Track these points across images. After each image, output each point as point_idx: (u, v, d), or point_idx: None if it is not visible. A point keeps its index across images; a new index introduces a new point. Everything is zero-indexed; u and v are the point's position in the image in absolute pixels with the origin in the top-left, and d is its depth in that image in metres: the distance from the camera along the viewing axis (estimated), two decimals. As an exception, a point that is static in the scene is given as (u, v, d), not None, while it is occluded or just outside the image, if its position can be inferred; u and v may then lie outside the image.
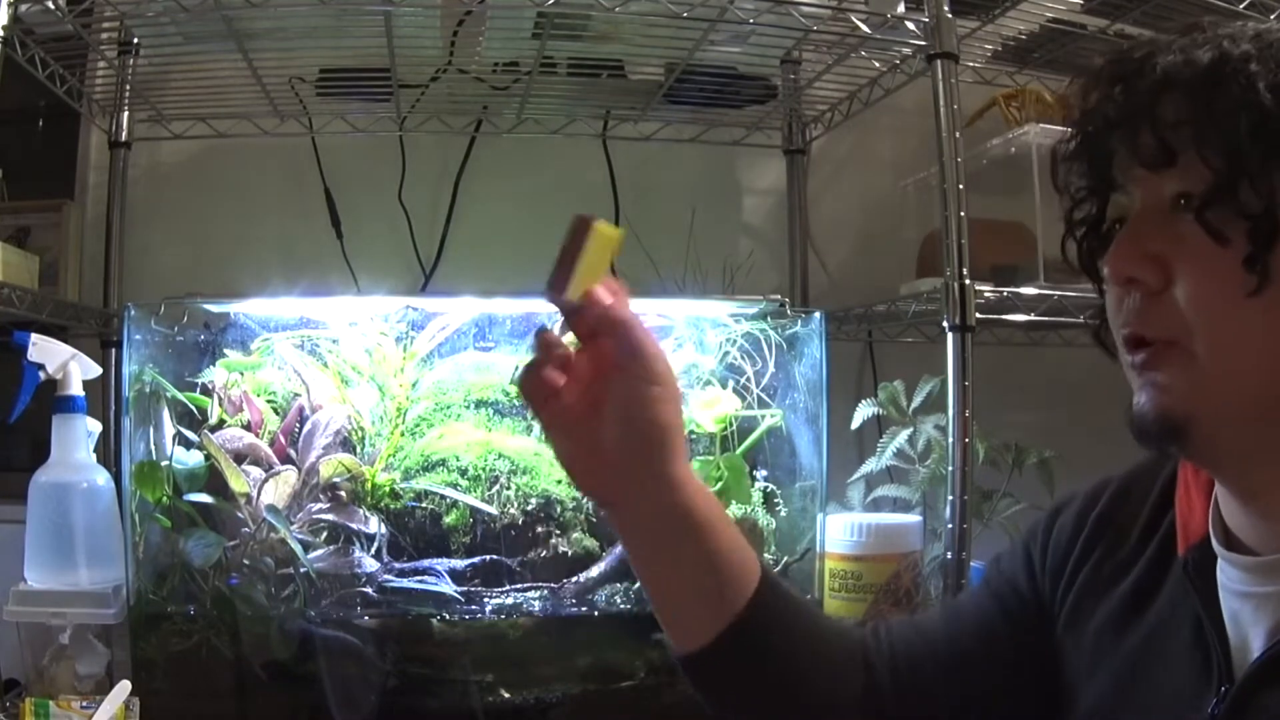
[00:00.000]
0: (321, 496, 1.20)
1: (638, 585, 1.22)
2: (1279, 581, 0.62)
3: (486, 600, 1.19)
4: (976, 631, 0.80)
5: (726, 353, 1.31)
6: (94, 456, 1.22)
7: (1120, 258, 0.62)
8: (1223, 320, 0.59)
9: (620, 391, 0.70)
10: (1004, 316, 1.34)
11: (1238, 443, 0.61)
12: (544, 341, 0.72)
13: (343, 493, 1.21)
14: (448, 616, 1.16)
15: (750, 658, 0.74)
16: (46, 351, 1.19)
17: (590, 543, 1.24)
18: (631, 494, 0.72)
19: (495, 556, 1.21)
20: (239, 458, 1.21)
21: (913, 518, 1.32)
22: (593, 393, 0.71)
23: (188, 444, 1.23)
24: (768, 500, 1.31)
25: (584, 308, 0.70)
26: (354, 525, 1.19)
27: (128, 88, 1.53)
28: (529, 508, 1.22)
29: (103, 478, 1.20)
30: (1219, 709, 0.62)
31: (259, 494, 1.18)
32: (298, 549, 1.16)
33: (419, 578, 1.19)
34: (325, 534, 1.20)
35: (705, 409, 1.27)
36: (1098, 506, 0.78)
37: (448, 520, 1.22)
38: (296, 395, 1.26)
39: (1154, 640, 0.70)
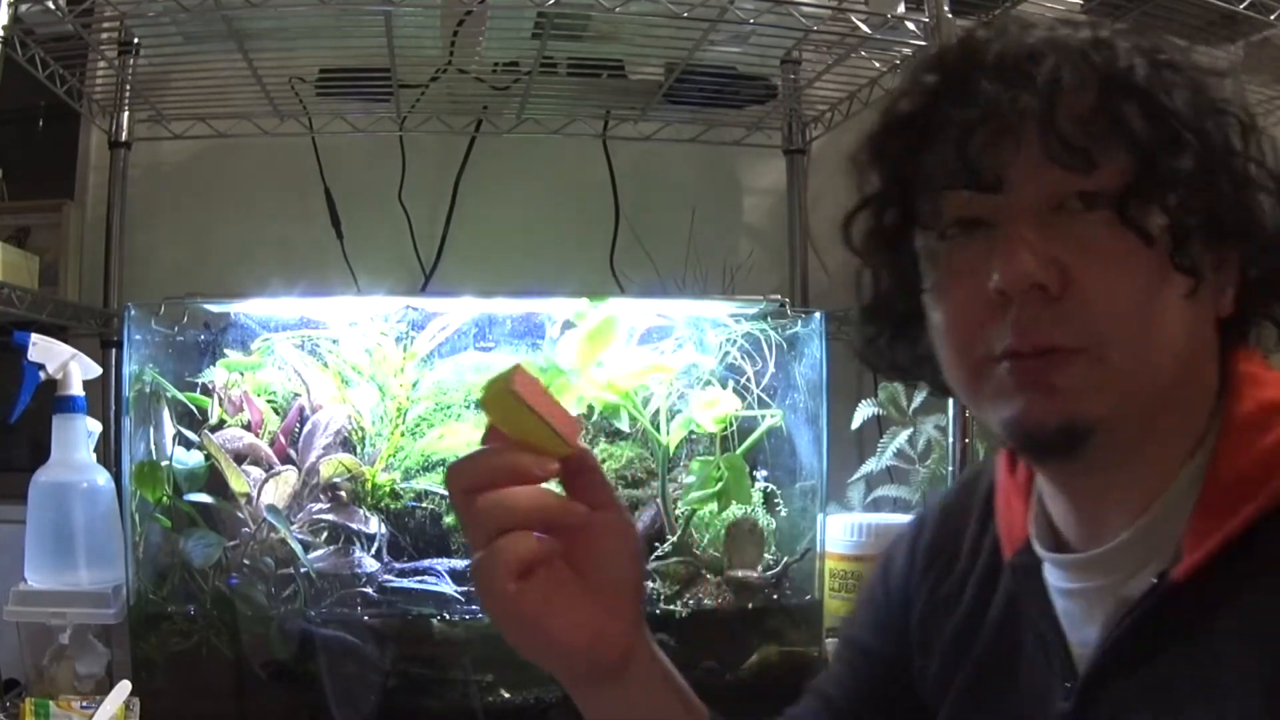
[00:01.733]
0: (321, 496, 1.21)
1: (638, 585, 1.22)
2: (1103, 576, 0.61)
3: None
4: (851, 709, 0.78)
5: (727, 353, 1.31)
6: (94, 456, 1.22)
7: (1021, 262, 0.57)
8: (1143, 323, 0.57)
9: (606, 534, 0.62)
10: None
11: (1130, 441, 0.59)
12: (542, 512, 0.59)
13: (343, 493, 1.21)
14: (448, 616, 1.16)
15: None
16: (46, 351, 1.19)
17: (590, 543, 1.24)
18: (636, 645, 0.64)
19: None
20: (239, 458, 1.21)
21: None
22: (579, 546, 0.61)
23: (188, 444, 1.24)
24: (768, 500, 1.31)
25: (579, 459, 0.61)
26: (354, 525, 1.19)
27: (128, 88, 1.53)
28: (529, 508, 1.22)
29: (103, 478, 1.20)
30: (1067, 706, 0.62)
31: (259, 494, 1.18)
32: (298, 549, 1.17)
33: (419, 578, 1.19)
34: (325, 534, 1.20)
35: (705, 409, 1.27)
36: (923, 537, 0.77)
37: (448, 520, 1.22)
38: (296, 395, 1.26)
39: (997, 652, 0.69)
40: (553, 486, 0.61)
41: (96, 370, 1.25)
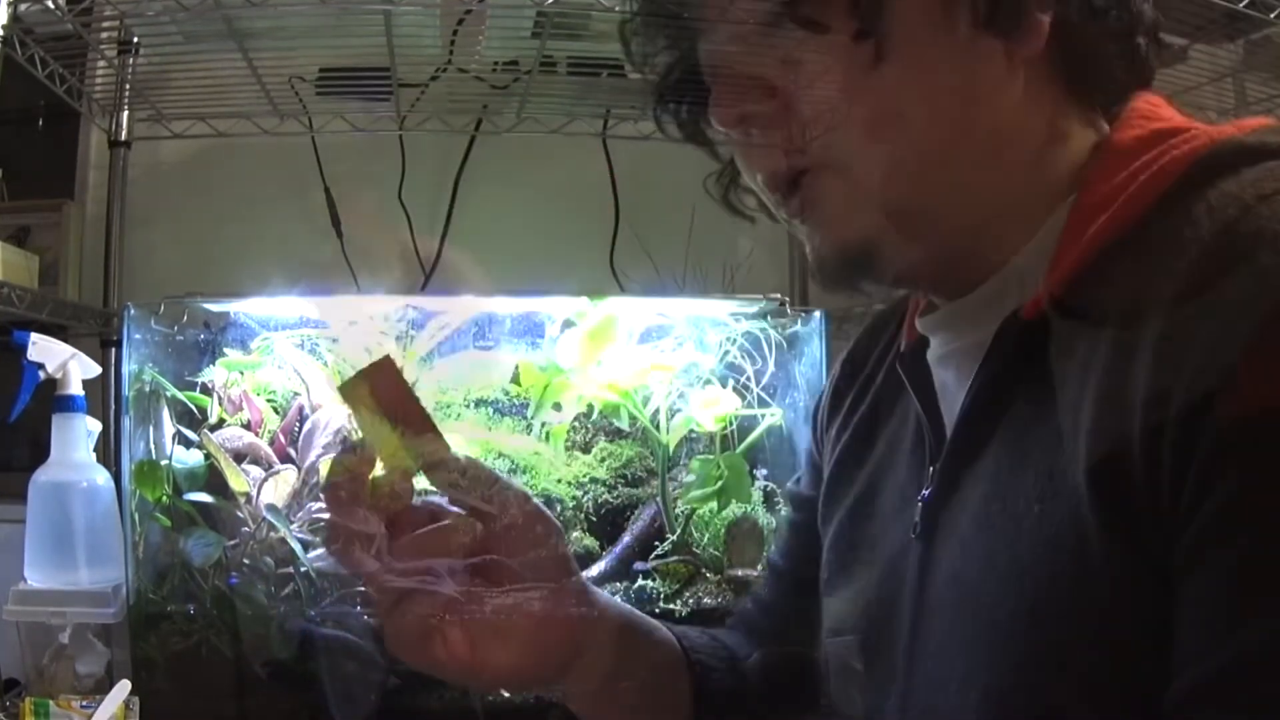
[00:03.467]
0: (321, 496, 1.20)
1: (638, 585, 1.22)
2: (971, 331, 0.58)
3: (487, 600, 1.18)
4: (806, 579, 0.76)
5: (726, 352, 1.31)
6: (94, 456, 1.22)
7: (723, 96, 0.56)
8: (859, 111, 0.53)
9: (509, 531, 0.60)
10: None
11: (928, 248, 0.57)
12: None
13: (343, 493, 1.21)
14: (448, 616, 1.16)
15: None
16: (46, 351, 1.19)
17: (590, 542, 1.24)
18: (585, 622, 0.63)
19: (495, 556, 1.20)
20: (239, 457, 1.21)
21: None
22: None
23: (187, 443, 1.23)
24: (768, 499, 1.31)
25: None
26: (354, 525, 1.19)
27: (128, 87, 1.53)
28: (529, 507, 1.22)
29: (103, 477, 1.20)
30: (927, 495, 0.60)
31: (259, 493, 1.18)
32: (298, 548, 1.16)
33: (419, 577, 1.18)
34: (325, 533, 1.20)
35: (705, 408, 1.27)
36: (843, 357, 0.76)
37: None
38: (296, 394, 1.26)
39: (885, 456, 0.67)
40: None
41: (96, 370, 1.25)
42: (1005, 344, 0.55)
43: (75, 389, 1.20)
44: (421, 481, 0.57)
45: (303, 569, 1.17)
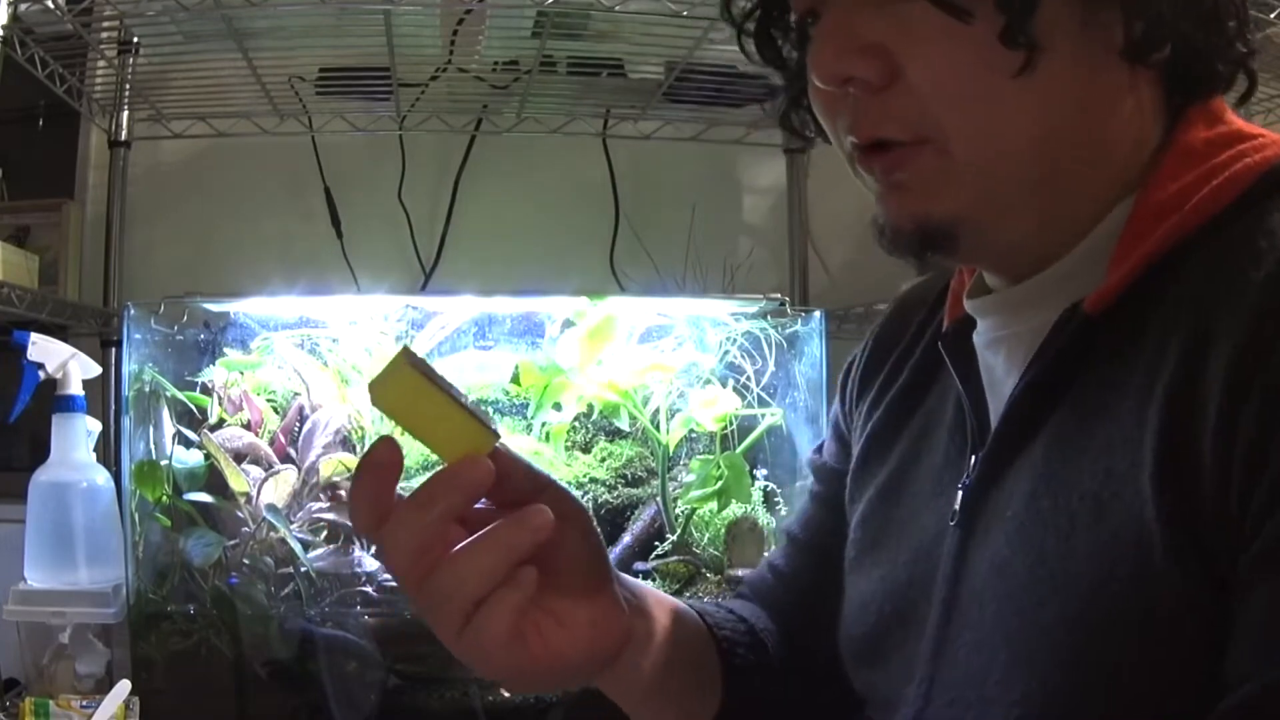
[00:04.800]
0: (321, 496, 1.20)
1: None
2: (1025, 319, 0.58)
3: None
4: (827, 559, 0.74)
5: (727, 351, 1.31)
6: (94, 456, 1.22)
7: (831, 53, 0.53)
8: (980, 107, 0.52)
9: (563, 521, 0.54)
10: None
11: (1007, 234, 0.56)
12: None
13: (342, 492, 1.21)
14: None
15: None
16: (46, 351, 1.19)
17: (590, 542, 1.24)
18: (627, 613, 0.60)
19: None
20: (239, 457, 1.21)
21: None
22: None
23: (187, 443, 1.23)
24: (768, 499, 1.31)
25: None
26: (354, 525, 1.19)
27: (127, 87, 1.53)
28: (529, 507, 1.22)
29: (103, 477, 1.20)
30: (969, 482, 0.59)
31: (259, 493, 1.18)
32: (297, 548, 1.16)
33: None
34: (325, 533, 1.20)
35: (705, 408, 1.27)
36: (877, 330, 0.75)
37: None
38: (296, 394, 1.26)
39: (921, 436, 0.66)
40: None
41: (96, 369, 1.25)
42: (1063, 336, 0.54)
43: (75, 389, 1.20)
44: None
45: (303, 569, 1.17)
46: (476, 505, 0.53)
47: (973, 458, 0.60)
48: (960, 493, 0.59)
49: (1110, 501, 0.49)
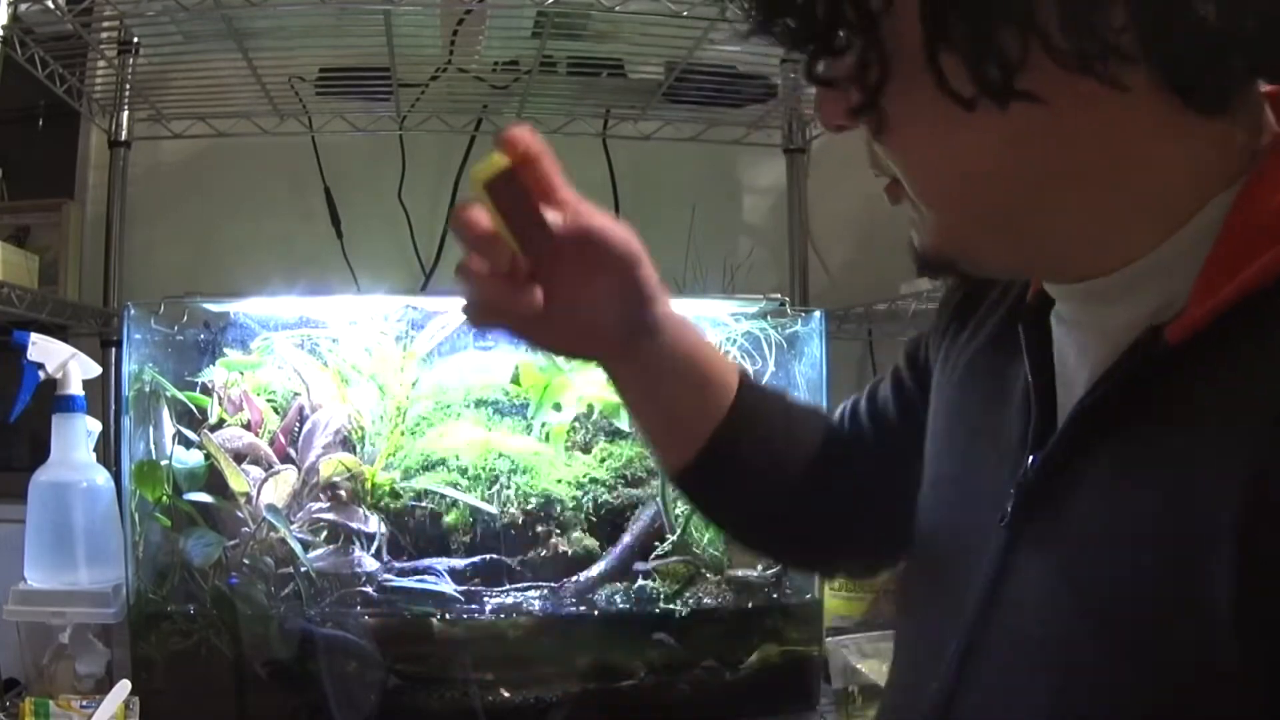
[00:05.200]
0: (321, 496, 1.20)
1: (638, 585, 1.22)
2: (1106, 304, 0.54)
3: (486, 600, 1.19)
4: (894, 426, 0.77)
5: (727, 351, 1.31)
6: (94, 456, 1.22)
7: (821, 107, 0.55)
8: (914, 153, 0.53)
9: (601, 277, 0.67)
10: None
11: (1004, 260, 0.56)
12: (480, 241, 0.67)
13: (342, 492, 1.21)
14: (448, 616, 1.16)
15: (725, 468, 0.74)
16: (46, 351, 1.19)
17: (590, 542, 1.24)
18: (627, 348, 0.71)
19: (495, 556, 1.21)
20: (239, 457, 1.21)
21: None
22: (562, 279, 0.67)
23: (187, 443, 1.23)
24: (768, 499, 1.31)
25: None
26: (354, 525, 1.19)
27: (127, 87, 1.53)
28: (529, 507, 1.22)
29: (103, 477, 1.20)
30: (1025, 484, 0.56)
31: (259, 493, 1.18)
32: (297, 548, 1.16)
33: (419, 577, 1.19)
34: (325, 533, 1.20)
35: (705, 408, 1.27)
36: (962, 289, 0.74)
37: (447, 520, 1.22)
38: (296, 395, 1.26)
39: (988, 408, 0.63)
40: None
41: (96, 370, 1.25)
42: (1139, 358, 0.51)
43: (75, 389, 1.20)
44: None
45: (303, 569, 1.17)
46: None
47: (1030, 458, 0.57)
48: (1013, 493, 0.57)
49: (1176, 533, 0.46)
